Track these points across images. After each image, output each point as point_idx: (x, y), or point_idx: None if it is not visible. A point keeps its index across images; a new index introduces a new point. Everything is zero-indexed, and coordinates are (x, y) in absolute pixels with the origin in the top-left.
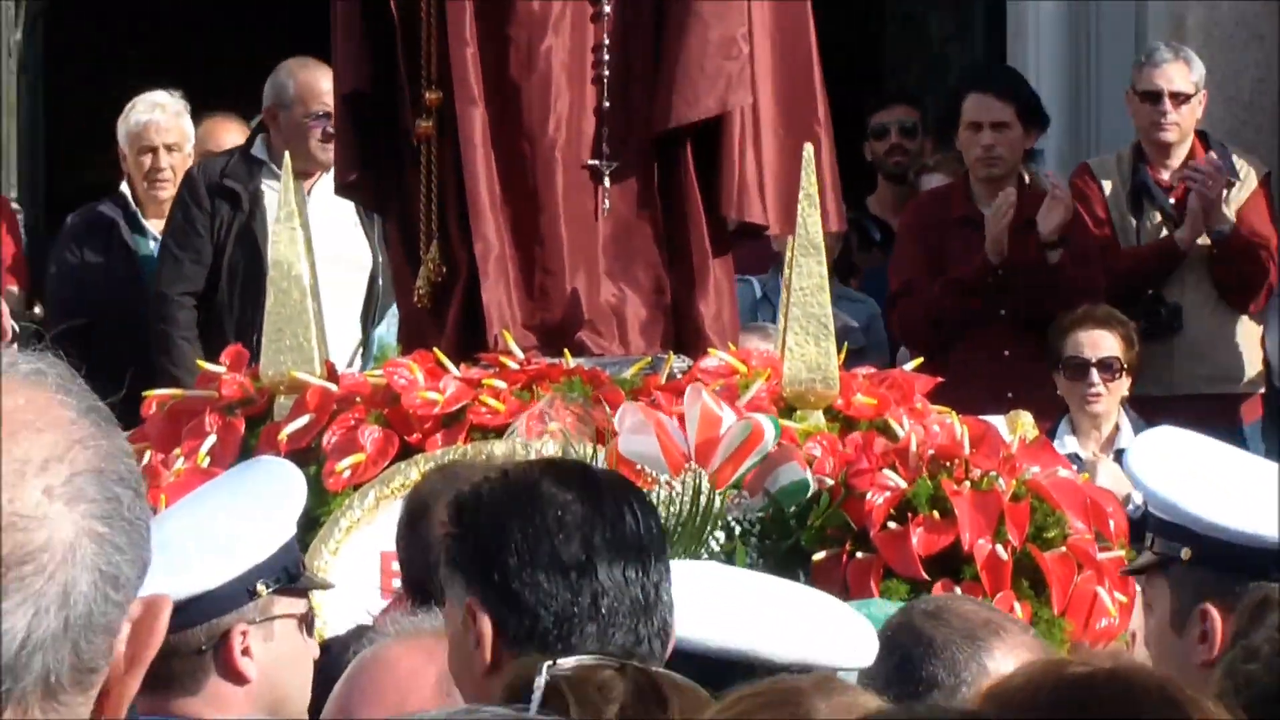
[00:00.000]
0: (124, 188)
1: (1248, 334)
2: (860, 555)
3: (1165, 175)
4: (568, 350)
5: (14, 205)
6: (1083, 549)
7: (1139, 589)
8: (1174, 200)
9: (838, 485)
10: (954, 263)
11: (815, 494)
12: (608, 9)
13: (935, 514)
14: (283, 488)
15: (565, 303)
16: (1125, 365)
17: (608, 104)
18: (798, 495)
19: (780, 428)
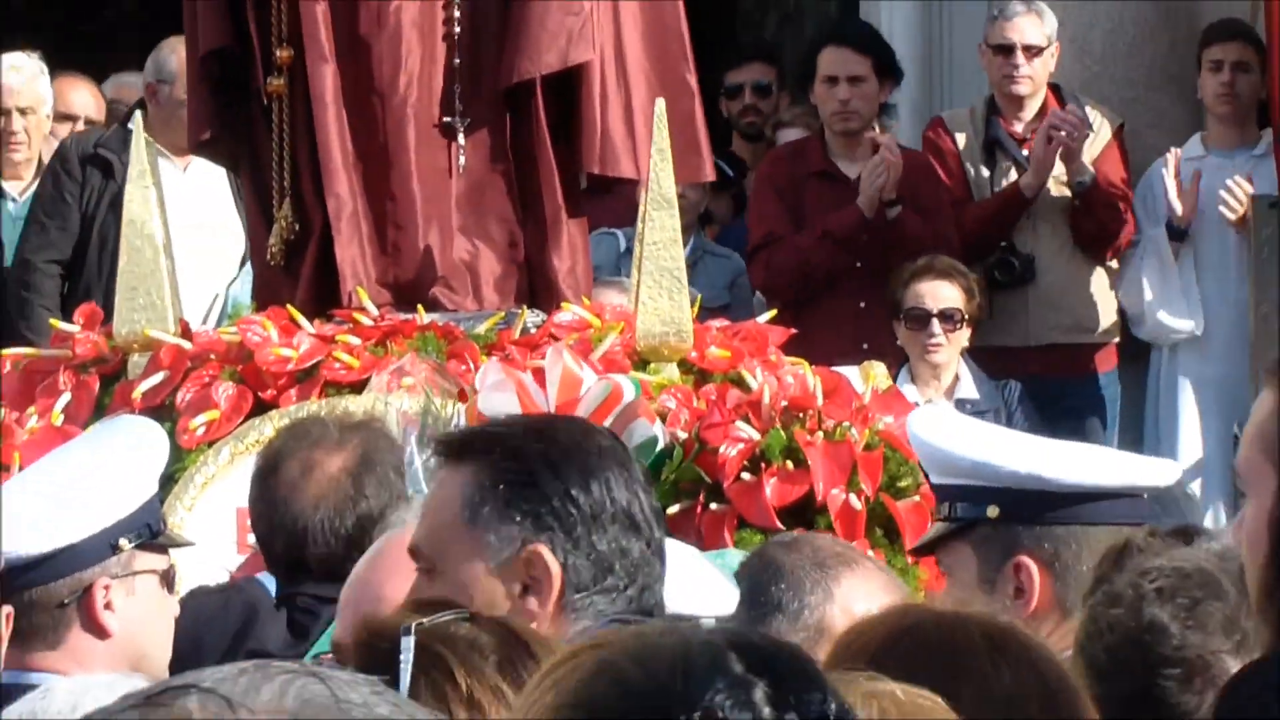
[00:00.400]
0: None
1: (1101, 284)
2: (714, 507)
3: (1018, 128)
4: (421, 306)
5: None
6: None
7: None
8: (1027, 153)
9: (691, 439)
10: (812, 216)
11: (669, 448)
12: None
13: (789, 465)
14: (144, 445)
15: (418, 259)
16: (966, 316)
17: (459, 60)
18: (648, 451)
19: (640, 388)
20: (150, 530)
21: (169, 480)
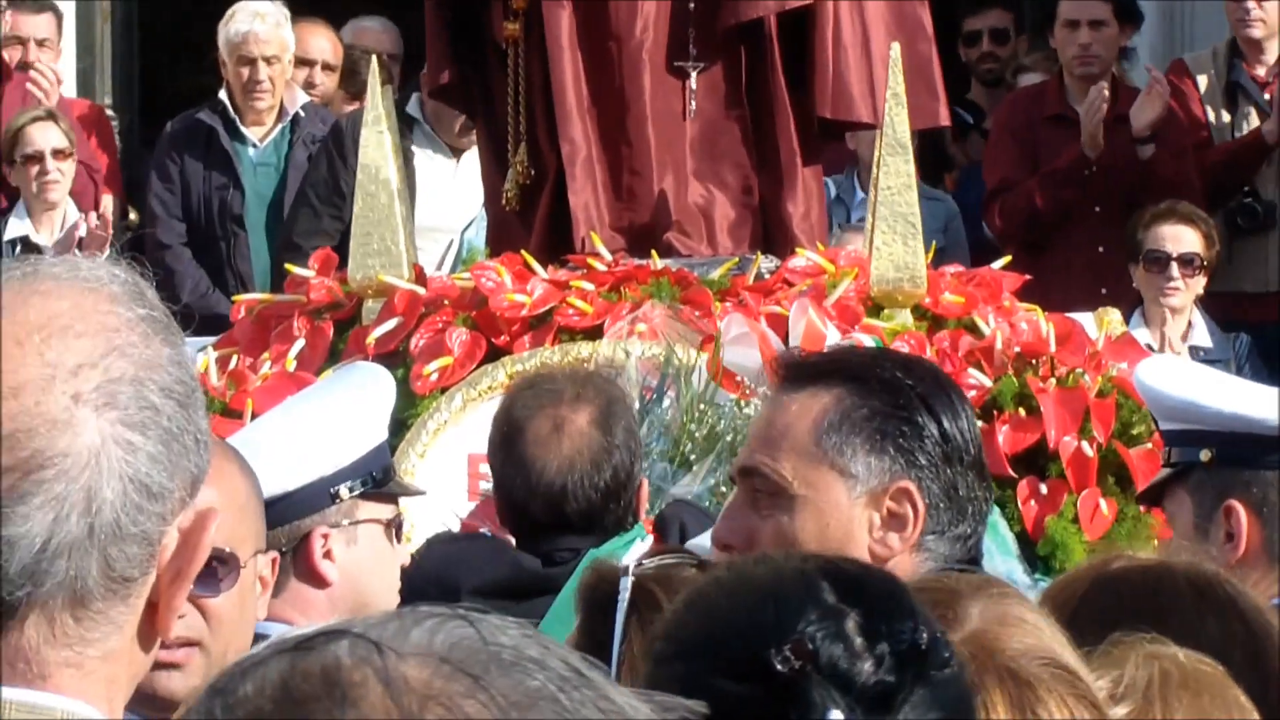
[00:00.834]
0: (222, 94)
1: None
2: None
3: (1260, 71)
4: (655, 251)
5: (108, 112)
6: None
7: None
8: (1269, 97)
9: None
10: (1049, 160)
11: None
12: None
13: (1021, 411)
14: (370, 392)
15: (653, 204)
16: (1205, 262)
17: (693, 5)
18: None
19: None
20: (374, 479)
21: (401, 427)
